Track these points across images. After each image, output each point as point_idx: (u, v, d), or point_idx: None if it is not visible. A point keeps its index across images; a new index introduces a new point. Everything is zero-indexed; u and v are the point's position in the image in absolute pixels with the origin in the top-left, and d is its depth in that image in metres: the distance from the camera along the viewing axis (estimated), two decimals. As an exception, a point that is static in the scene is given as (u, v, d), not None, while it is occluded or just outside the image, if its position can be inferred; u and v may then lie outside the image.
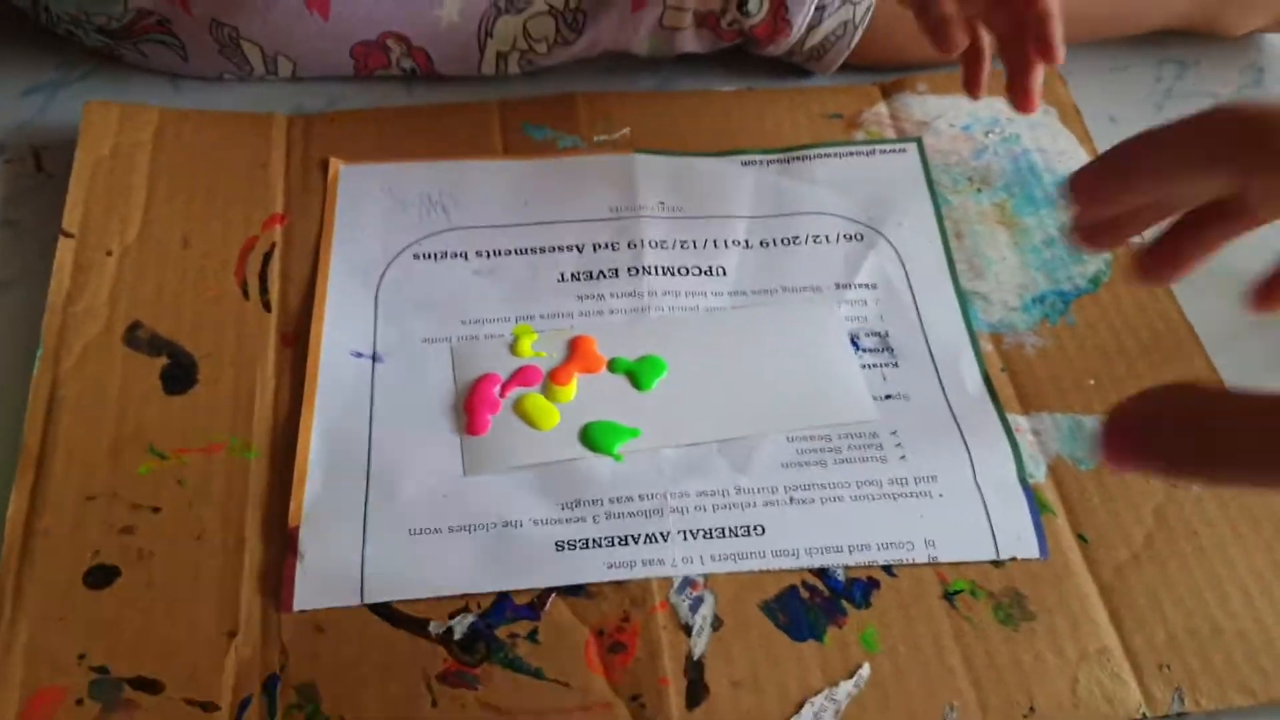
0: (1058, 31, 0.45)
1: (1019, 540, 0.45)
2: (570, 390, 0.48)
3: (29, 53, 0.62)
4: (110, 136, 0.56)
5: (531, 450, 0.47)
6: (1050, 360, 0.51)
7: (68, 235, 0.52)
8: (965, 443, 0.48)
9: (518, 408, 0.48)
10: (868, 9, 0.60)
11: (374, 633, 0.42)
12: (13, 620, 0.42)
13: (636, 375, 0.49)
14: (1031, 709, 0.41)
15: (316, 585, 0.43)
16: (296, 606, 0.42)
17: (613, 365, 0.49)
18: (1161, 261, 0.38)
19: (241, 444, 0.47)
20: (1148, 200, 0.36)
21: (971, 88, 0.53)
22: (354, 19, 0.58)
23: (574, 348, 0.50)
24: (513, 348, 0.50)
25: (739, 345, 0.50)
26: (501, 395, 0.48)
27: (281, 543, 0.44)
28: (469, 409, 0.48)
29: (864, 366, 0.50)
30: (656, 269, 0.53)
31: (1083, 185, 0.36)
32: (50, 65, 0.62)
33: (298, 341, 0.50)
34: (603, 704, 0.41)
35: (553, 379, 0.49)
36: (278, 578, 0.43)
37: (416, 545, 0.44)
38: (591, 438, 0.47)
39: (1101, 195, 0.36)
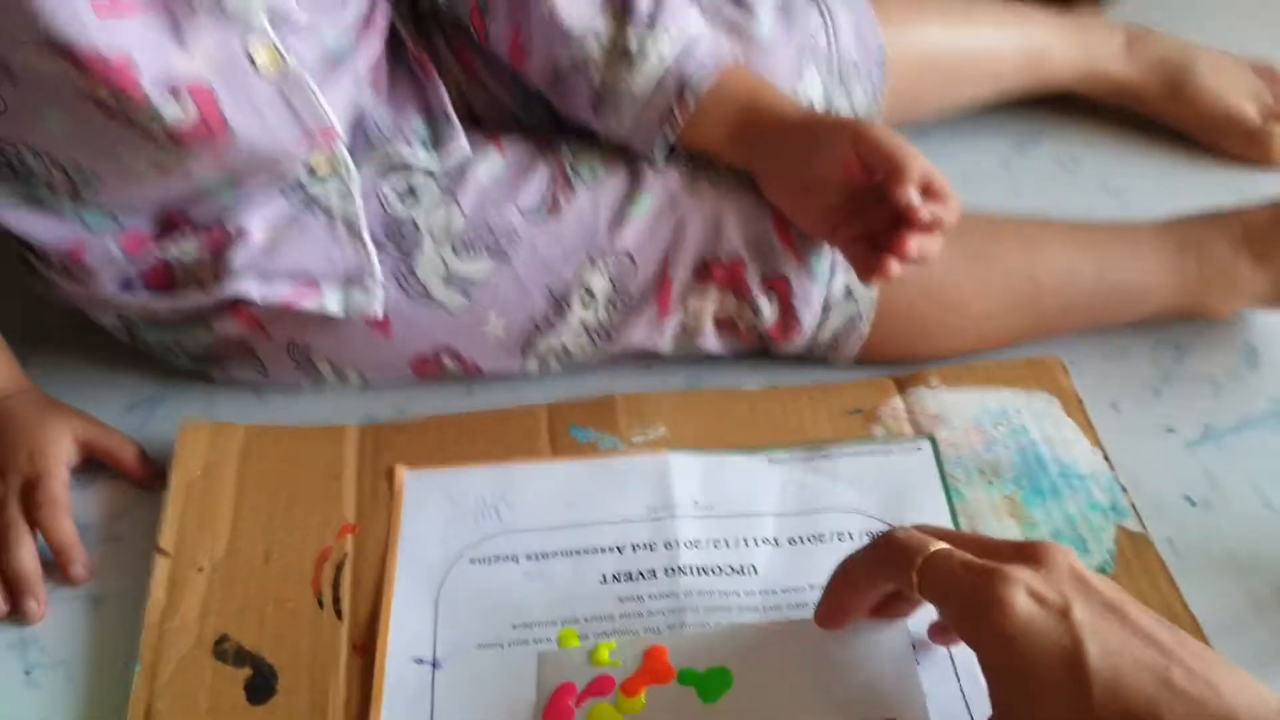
0: (911, 238, 0.57)
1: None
2: (639, 701, 0.51)
3: (130, 373, 0.70)
4: (202, 455, 0.63)
5: None
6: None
7: (163, 554, 0.58)
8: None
9: (590, 717, 0.51)
10: (871, 302, 0.66)
11: None
12: None
13: (702, 688, 0.51)
14: None
15: None
16: None
17: (682, 677, 0.52)
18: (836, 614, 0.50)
19: (316, 752, 0.51)
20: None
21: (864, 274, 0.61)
22: (411, 338, 0.65)
23: (647, 658, 0.53)
24: (592, 655, 0.53)
25: (806, 663, 0.51)
26: (577, 704, 0.52)
27: None
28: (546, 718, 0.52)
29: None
30: (691, 569, 0.58)
31: (824, 622, 0.50)
32: (149, 383, 0.70)
33: (367, 650, 0.55)
34: None
35: (624, 690, 0.52)
36: None
37: None
38: None
39: (837, 622, 0.50)
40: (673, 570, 0.58)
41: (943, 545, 0.44)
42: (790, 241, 0.65)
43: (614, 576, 0.58)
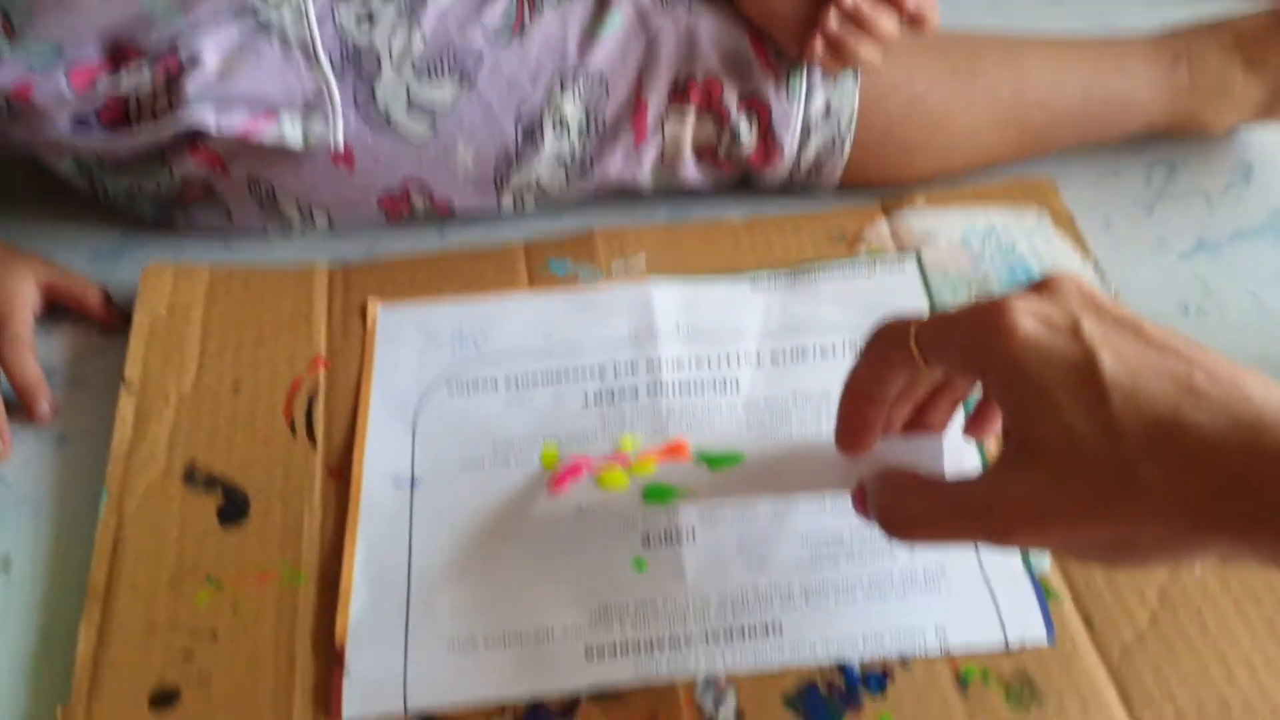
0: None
1: (1026, 626, 0.47)
2: (649, 466, 0.53)
3: (95, 224, 0.68)
4: (166, 296, 0.61)
5: (593, 501, 0.52)
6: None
7: (129, 387, 0.57)
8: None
9: (597, 477, 0.53)
10: (852, 119, 0.64)
11: (416, 742, 0.45)
12: (83, 746, 0.45)
13: (712, 462, 0.53)
14: (1049, 789, 0.42)
15: (363, 697, 0.46)
16: (345, 718, 0.45)
17: (696, 457, 0.53)
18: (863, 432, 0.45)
19: (291, 571, 0.50)
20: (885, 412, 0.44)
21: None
22: (377, 172, 0.63)
23: (667, 444, 0.54)
24: (616, 445, 0.55)
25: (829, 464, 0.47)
26: (590, 471, 0.53)
27: (329, 659, 0.47)
28: (555, 478, 0.53)
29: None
30: (674, 387, 0.56)
31: (845, 444, 0.44)
32: (114, 233, 0.68)
33: (342, 473, 0.54)
34: (633, 801, 0.43)
35: (637, 459, 0.53)
36: (327, 692, 0.46)
37: (455, 657, 0.47)
38: (651, 494, 0.52)
39: (859, 440, 0.44)
40: (655, 389, 0.57)
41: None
42: (766, 58, 0.63)
43: (596, 398, 0.57)
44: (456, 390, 0.57)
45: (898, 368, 0.41)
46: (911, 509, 0.39)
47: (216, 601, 0.49)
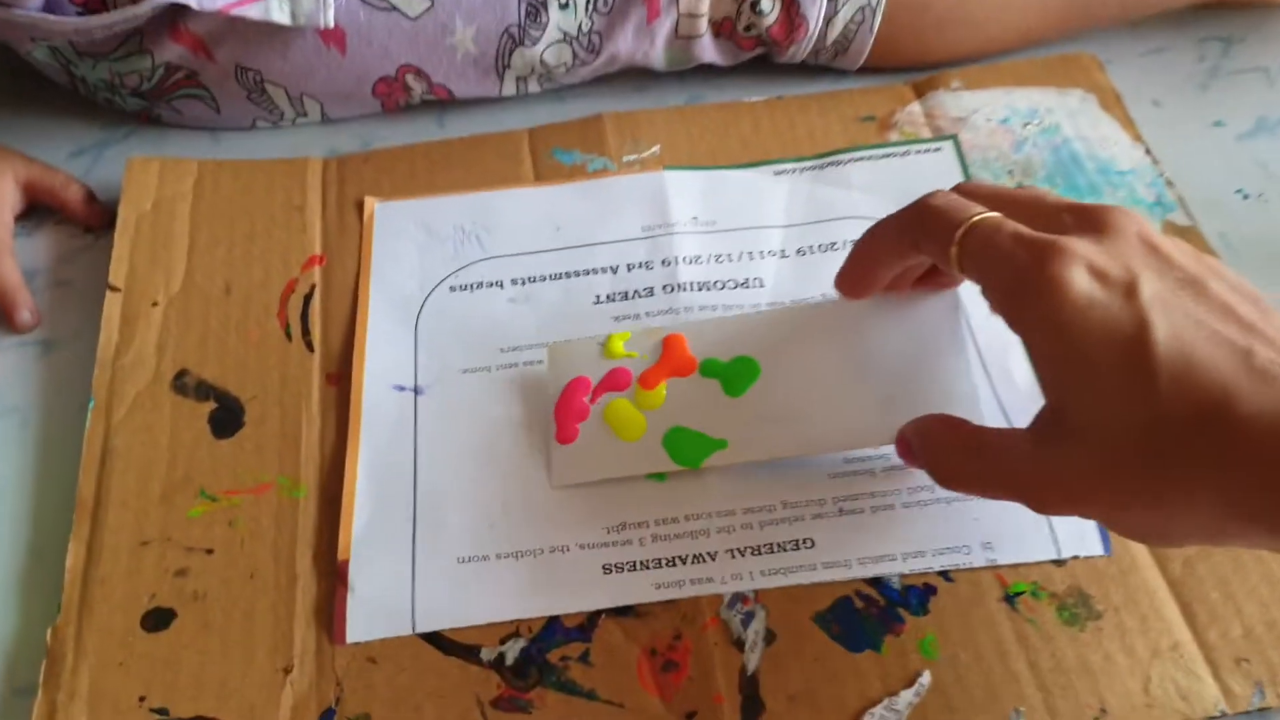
0: None
1: (1081, 538, 0.44)
2: (659, 395, 0.47)
3: (75, 119, 0.64)
4: (151, 191, 0.57)
5: (619, 462, 0.46)
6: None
7: (114, 289, 0.53)
8: (1018, 440, 0.46)
9: (607, 414, 0.47)
10: None
11: (426, 661, 0.42)
12: (75, 668, 0.42)
13: (727, 380, 0.46)
14: (1103, 710, 0.40)
15: (368, 617, 0.43)
16: (349, 639, 0.43)
17: (704, 368, 0.47)
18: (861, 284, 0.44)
19: (290, 482, 0.47)
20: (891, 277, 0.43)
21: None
22: (370, 55, 0.58)
23: (665, 347, 0.48)
24: (605, 347, 0.48)
25: (841, 345, 0.45)
26: (592, 400, 0.47)
27: (332, 577, 0.44)
28: (559, 416, 0.47)
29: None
30: (692, 285, 0.53)
31: (844, 287, 0.44)
32: (95, 129, 0.63)
33: (341, 379, 0.50)
34: (657, 724, 0.40)
35: (641, 383, 0.47)
36: (330, 612, 0.43)
37: (465, 573, 0.44)
38: (677, 448, 0.46)
39: (861, 290, 0.43)
40: (672, 287, 0.53)
41: (989, 213, 0.37)
42: (791, -78, 0.57)
43: (608, 297, 0.53)
44: (460, 289, 0.54)
45: (927, 255, 0.39)
46: (958, 467, 0.38)
47: (211, 515, 0.46)
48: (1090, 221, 0.35)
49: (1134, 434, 0.31)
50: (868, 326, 0.44)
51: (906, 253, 0.40)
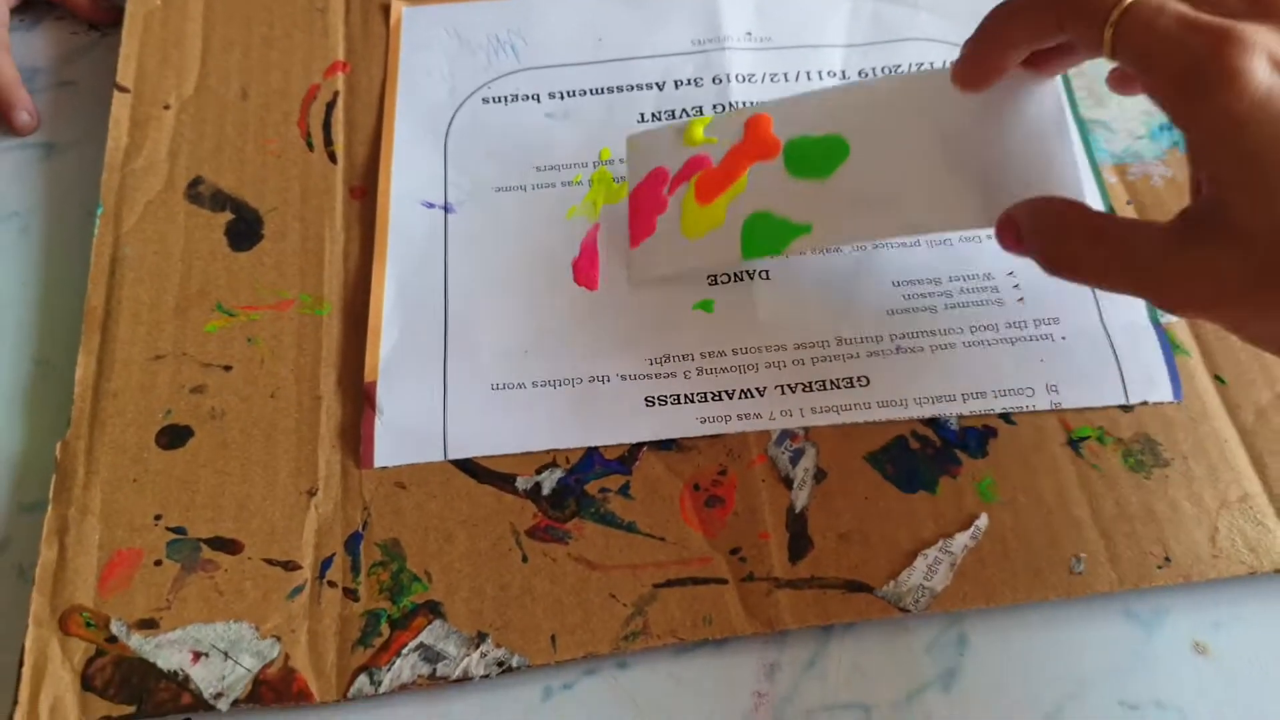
0: None
1: (1150, 383, 0.41)
2: (740, 183, 0.43)
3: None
4: (161, -16, 0.53)
5: (698, 254, 0.43)
6: (1180, 191, 0.46)
7: (122, 90, 0.50)
8: (1089, 281, 0.43)
9: (685, 205, 0.44)
10: None
11: (458, 488, 0.40)
12: (86, 483, 0.40)
13: (813, 160, 0.42)
14: (1167, 559, 0.38)
15: (397, 441, 0.41)
16: (377, 463, 0.40)
17: (789, 149, 0.43)
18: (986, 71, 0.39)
19: (312, 300, 0.44)
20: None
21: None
22: None
23: (748, 129, 0.44)
24: (684, 134, 0.45)
25: (936, 124, 0.40)
26: (670, 192, 0.44)
27: (358, 399, 0.42)
28: (634, 210, 0.45)
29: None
30: (744, 105, 0.49)
31: (963, 82, 0.39)
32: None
33: (366, 194, 0.47)
34: (701, 558, 0.38)
35: (723, 168, 0.44)
36: (356, 435, 0.41)
37: (499, 400, 0.42)
38: (758, 236, 0.42)
39: (984, 80, 0.38)
40: (722, 107, 0.49)
41: None
42: None
43: (653, 115, 0.49)
44: (493, 101, 0.50)
45: (1072, 36, 0.34)
46: (1077, 252, 0.34)
47: (229, 331, 0.44)
48: (1265, 6, 0.31)
49: None
50: (966, 106, 0.39)
51: (1047, 33, 0.35)
